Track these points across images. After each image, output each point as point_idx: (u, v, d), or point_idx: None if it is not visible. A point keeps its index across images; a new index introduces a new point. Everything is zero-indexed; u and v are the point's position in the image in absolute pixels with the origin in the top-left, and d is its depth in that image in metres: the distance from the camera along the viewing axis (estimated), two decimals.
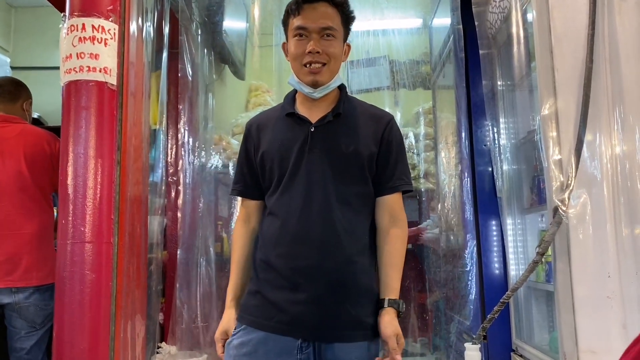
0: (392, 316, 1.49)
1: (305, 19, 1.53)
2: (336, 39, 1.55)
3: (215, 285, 3.13)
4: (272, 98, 5.08)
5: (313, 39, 1.53)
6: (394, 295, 1.52)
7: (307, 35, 1.54)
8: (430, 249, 3.46)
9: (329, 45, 1.53)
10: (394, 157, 1.57)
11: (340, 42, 1.57)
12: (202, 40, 3.15)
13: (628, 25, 2.10)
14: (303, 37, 1.54)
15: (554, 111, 2.11)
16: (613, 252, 2.00)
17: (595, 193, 2.04)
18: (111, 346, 1.96)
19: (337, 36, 1.55)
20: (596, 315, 1.98)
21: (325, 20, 1.52)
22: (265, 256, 1.55)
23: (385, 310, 1.50)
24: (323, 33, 1.53)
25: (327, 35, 1.53)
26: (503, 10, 2.53)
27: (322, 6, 1.54)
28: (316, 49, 1.52)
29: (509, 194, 2.69)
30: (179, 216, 3.03)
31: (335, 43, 1.55)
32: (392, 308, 1.50)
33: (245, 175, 1.68)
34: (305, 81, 1.56)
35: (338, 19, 1.56)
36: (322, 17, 1.52)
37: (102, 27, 2.03)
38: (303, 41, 1.54)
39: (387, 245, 1.55)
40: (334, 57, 1.55)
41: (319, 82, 1.55)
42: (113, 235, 2.00)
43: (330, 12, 1.54)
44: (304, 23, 1.53)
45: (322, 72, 1.54)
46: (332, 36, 1.54)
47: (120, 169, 2.05)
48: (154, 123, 2.84)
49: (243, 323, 1.54)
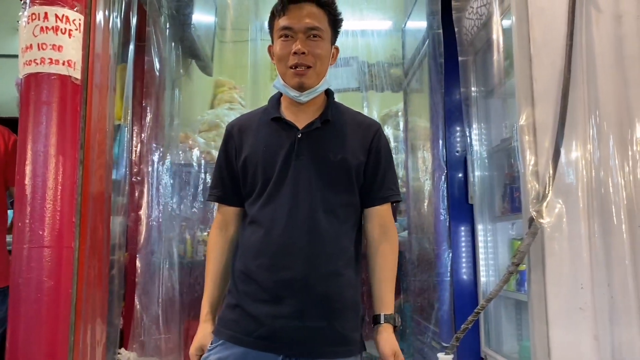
0: (389, 332, 1.44)
1: (291, 19, 1.46)
2: (323, 40, 1.48)
3: (177, 289, 3.02)
4: (240, 95, 4.98)
5: (299, 39, 1.46)
6: (389, 310, 1.47)
7: (293, 36, 1.47)
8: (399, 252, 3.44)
9: (315, 46, 1.46)
10: (383, 167, 1.52)
11: (327, 44, 1.51)
12: (170, 34, 3.03)
13: (605, 37, 2.12)
14: (289, 37, 1.47)
15: (532, 121, 2.10)
16: (587, 264, 2.01)
17: (570, 204, 2.05)
18: (70, 356, 1.84)
19: (324, 37, 1.49)
20: (569, 326, 1.99)
21: (311, 20, 1.46)
22: (245, 267, 1.47)
23: (382, 326, 1.45)
24: (309, 33, 1.46)
25: (314, 36, 1.47)
26: (480, 16, 2.52)
27: (308, 6, 1.47)
28: (302, 49, 1.45)
29: (481, 201, 2.70)
30: (142, 216, 2.90)
31: (322, 44, 1.48)
32: (389, 324, 1.45)
33: (224, 180, 1.59)
34: (291, 84, 1.48)
35: (325, 20, 1.50)
36: (308, 17, 1.46)
37: (66, 17, 1.90)
38: (289, 42, 1.47)
39: (380, 259, 1.50)
40: (321, 58, 1.48)
41: (305, 85, 1.48)
42: (74, 240, 1.88)
43: (317, 13, 1.48)
44: (289, 23, 1.47)
45: (308, 74, 1.47)
46: (318, 37, 1.47)
47: (83, 169, 1.93)
48: (118, 118, 2.70)
49: (221, 338, 1.45)
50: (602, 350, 1.98)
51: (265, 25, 4.87)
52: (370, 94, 4.72)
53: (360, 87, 4.71)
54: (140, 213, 2.92)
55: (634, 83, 2.09)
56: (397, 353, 1.44)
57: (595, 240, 2.03)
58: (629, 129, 2.07)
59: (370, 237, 1.53)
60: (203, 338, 1.51)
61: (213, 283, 1.56)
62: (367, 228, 1.53)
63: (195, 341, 1.53)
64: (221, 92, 5.02)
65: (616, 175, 2.05)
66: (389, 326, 1.47)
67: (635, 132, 2.07)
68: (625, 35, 2.11)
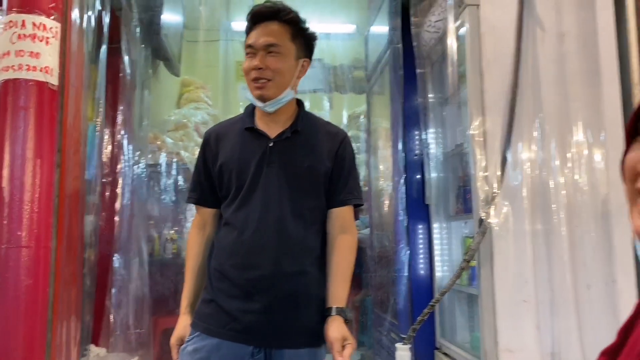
0: (339, 322, 1.56)
1: (253, 38, 1.60)
2: (281, 54, 1.60)
3: (147, 287, 3.10)
4: (206, 95, 5.05)
5: (259, 56, 1.59)
6: (341, 303, 1.59)
7: (255, 53, 1.60)
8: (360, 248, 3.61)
9: (273, 61, 1.59)
10: (346, 173, 1.65)
11: (287, 58, 1.61)
12: (140, 35, 3.09)
13: (548, 54, 2.32)
14: (251, 55, 1.61)
15: (482, 129, 2.29)
16: (530, 260, 2.21)
17: (516, 205, 2.24)
18: (47, 353, 1.91)
19: (283, 52, 1.60)
20: (514, 317, 2.19)
21: (269, 37, 1.59)
22: (220, 266, 1.59)
23: (332, 317, 1.57)
24: (268, 50, 1.59)
25: (271, 52, 1.59)
26: (437, 30, 2.69)
27: (270, 24, 1.60)
28: (259, 65, 1.58)
29: (437, 201, 2.88)
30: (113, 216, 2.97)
31: (280, 58, 1.60)
32: (339, 316, 1.58)
33: (202, 183, 1.70)
34: (254, 95, 1.62)
35: (286, 36, 1.61)
36: (267, 35, 1.59)
37: (43, 25, 1.96)
38: (251, 59, 1.60)
39: (335, 256, 1.62)
40: (279, 72, 1.60)
41: (265, 97, 1.60)
42: (51, 239, 1.95)
43: (277, 30, 1.60)
44: (251, 41, 1.60)
45: (267, 86, 1.59)
46: (276, 52, 1.59)
47: (60, 172, 2.00)
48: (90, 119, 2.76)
49: (197, 330, 1.57)
50: (543, 339, 2.19)
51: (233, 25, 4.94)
52: (334, 96, 4.87)
53: (325, 89, 4.86)
54: (110, 212, 2.99)
55: (574, 96, 2.30)
56: (347, 337, 1.52)
57: (538, 239, 2.23)
58: (568, 134, 2.28)
59: (330, 236, 1.65)
60: (183, 329, 1.62)
61: (192, 279, 1.67)
62: (328, 227, 1.65)
63: (176, 332, 1.63)
64: (187, 91, 5.07)
65: (557, 177, 2.26)
66: (340, 318, 1.57)
67: (574, 138, 2.28)
68: (567, 52, 2.32)
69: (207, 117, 4.78)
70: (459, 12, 2.42)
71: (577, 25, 2.33)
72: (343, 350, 1.50)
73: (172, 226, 3.64)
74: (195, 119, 4.52)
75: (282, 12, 1.61)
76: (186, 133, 4.20)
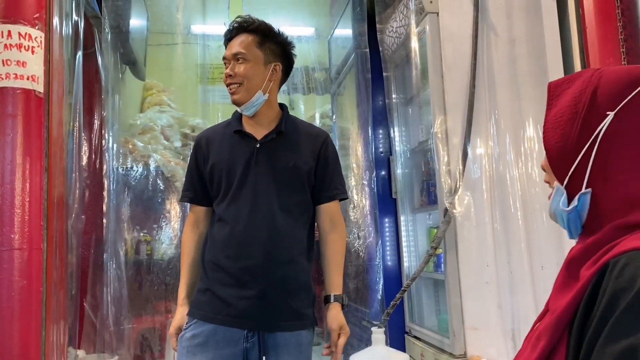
0: (337, 310, 1.73)
1: (226, 51, 1.80)
2: (248, 61, 1.74)
3: (125, 288, 3.16)
4: (169, 98, 5.09)
5: (230, 65, 1.76)
6: (338, 290, 1.76)
7: (228, 64, 1.78)
8: None
9: (240, 67, 1.74)
10: (331, 170, 1.80)
11: (254, 64, 1.75)
12: (111, 41, 3.15)
13: (502, 57, 2.55)
14: (226, 65, 1.78)
15: (445, 127, 2.49)
16: (490, 245, 2.43)
17: (477, 196, 2.46)
18: (42, 351, 1.98)
19: (249, 58, 1.75)
20: (477, 298, 2.40)
21: (237, 47, 1.75)
22: (214, 258, 1.71)
23: (331, 305, 1.73)
24: (236, 58, 1.75)
25: (238, 59, 1.75)
26: (399, 35, 2.88)
27: (239, 37, 1.77)
28: (229, 72, 1.76)
29: (402, 195, 3.07)
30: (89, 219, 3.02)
31: (246, 65, 1.74)
32: (338, 302, 1.74)
33: (195, 184, 1.82)
34: (231, 100, 1.77)
35: (253, 44, 1.76)
36: (235, 46, 1.76)
37: (29, 35, 2.03)
38: (226, 69, 1.79)
39: (329, 248, 1.78)
40: (247, 77, 1.74)
41: (237, 101, 1.76)
42: (42, 241, 2.02)
43: (244, 40, 1.76)
44: (224, 54, 1.79)
45: (237, 91, 1.75)
46: (243, 59, 1.74)
47: (48, 175, 2.07)
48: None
49: (194, 317, 1.69)
50: (504, 316, 2.41)
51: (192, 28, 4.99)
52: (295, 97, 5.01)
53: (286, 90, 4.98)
54: (88, 215, 3.03)
55: (525, 95, 2.54)
56: (343, 326, 1.74)
57: (497, 226, 2.45)
58: (521, 130, 2.51)
59: (321, 230, 1.81)
60: (181, 319, 1.73)
61: (188, 273, 1.79)
62: (318, 222, 1.82)
63: (174, 322, 1.75)
64: (150, 94, 5.09)
65: (512, 169, 2.49)
66: (338, 305, 1.75)
67: (526, 133, 2.52)
68: (518, 56, 2.55)
69: (171, 119, 4.82)
70: (420, 19, 2.61)
71: (526, 31, 2.57)
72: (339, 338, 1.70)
73: (141, 229, 3.70)
74: (160, 122, 4.57)
75: (247, 23, 1.78)
76: (153, 136, 4.25)
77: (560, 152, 0.78)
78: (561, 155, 0.78)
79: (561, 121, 0.78)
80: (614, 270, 0.66)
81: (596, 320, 0.65)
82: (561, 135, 0.78)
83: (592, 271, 0.69)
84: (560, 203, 0.79)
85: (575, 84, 0.79)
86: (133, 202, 3.48)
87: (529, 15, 2.56)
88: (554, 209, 0.81)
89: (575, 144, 0.76)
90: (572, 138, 0.77)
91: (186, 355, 1.66)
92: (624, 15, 2.24)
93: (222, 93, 5.10)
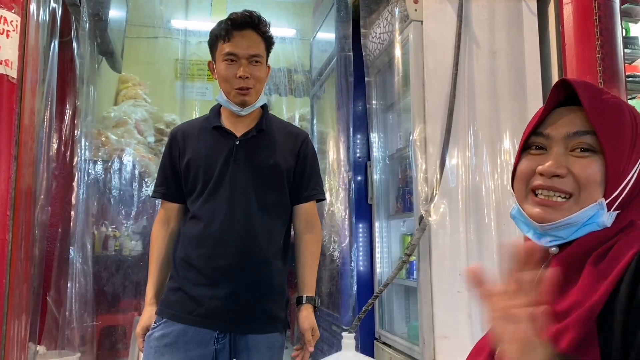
0: (309, 311, 1.71)
1: (236, 47, 1.68)
2: (262, 64, 1.72)
3: (90, 283, 3.07)
4: (144, 92, 5.01)
5: (242, 65, 1.68)
6: (311, 292, 1.74)
7: (237, 61, 1.68)
8: None
9: (256, 70, 1.70)
10: (309, 170, 1.79)
11: (265, 67, 1.75)
12: (89, 31, 3.07)
13: (482, 68, 2.58)
14: (233, 62, 1.69)
15: (424, 135, 2.50)
16: (464, 254, 2.44)
17: (453, 204, 2.47)
18: (2, 345, 1.91)
19: (262, 62, 1.73)
20: (449, 307, 2.41)
21: (253, 48, 1.69)
22: (186, 255, 1.67)
23: (303, 306, 1.71)
24: (252, 59, 1.69)
25: (255, 62, 1.70)
26: (382, 41, 2.89)
27: (249, 34, 1.69)
28: (246, 74, 1.67)
29: (378, 201, 3.07)
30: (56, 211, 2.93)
31: (261, 68, 1.72)
32: (309, 304, 1.72)
33: (168, 178, 1.77)
34: (235, 101, 1.71)
35: (263, 46, 1.73)
36: (251, 45, 1.69)
37: (4, 18, 1.96)
38: (233, 66, 1.68)
39: (303, 249, 1.77)
40: (260, 80, 1.72)
41: (247, 103, 1.71)
42: (8, 232, 1.95)
43: (257, 40, 1.71)
44: (234, 50, 1.68)
45: (250, 93, 1.70)
46: (259, 62, 1.71)
47: (17, 164, 2.00)
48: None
49: (164, 317, 1.64)
50: (473, 326, 2.42)
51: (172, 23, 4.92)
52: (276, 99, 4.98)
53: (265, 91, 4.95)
54: (54, 208, 2.95)
55: (503, 107, 2.56)
56: (314, 328, 1.72)
57: (471, 235, 2.47)
58: (498, 141, 2.54)
59: (296, 230, 1.79)
60: (148, 319, 1.68)
61: (157, 271, 1.74)
62: (295, 222, 1.79)
63: (141, 322, 1.69)
64: (125, 87, 5.00)
65: (488, 180, 2.51)
66: (309, 306, 1.74)
67: (503, 145, 2.54)
68: (498, 68, 2.58)
69: (146, 114, 4.74)
70: (403, 27, 2.62)
71: (507, 44, 2.60)
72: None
73: (115, 223, 3.62)
74: (135, 115, 4.49)
75: (262, 24, 1.72)
76: (127, 130, 4.17)
77: (617, 169, 0.80)
78: (617, 174, 0.80)
79: (624, 140, 0.80)
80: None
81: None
82: (622, 154, 0.80)
83: (629, 257, 0.72)
84: (605, 217, 0.79)
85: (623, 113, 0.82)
86: (103, 196, 3.40)
87: (511, 29, 2.59)
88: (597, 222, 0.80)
89: (627, 165, 0.80)
90: (627, 159, 0.80)
91: (154, 356, 1.61)
92: (602, 34, 2.29)
93: (199, 90, 5.06)
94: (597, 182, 0.79)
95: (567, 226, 0.80)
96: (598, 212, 0.79)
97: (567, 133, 0.82)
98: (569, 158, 0.81)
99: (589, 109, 0.79)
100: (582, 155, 0.81)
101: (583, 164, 0.80)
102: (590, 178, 0.79)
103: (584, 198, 0.80)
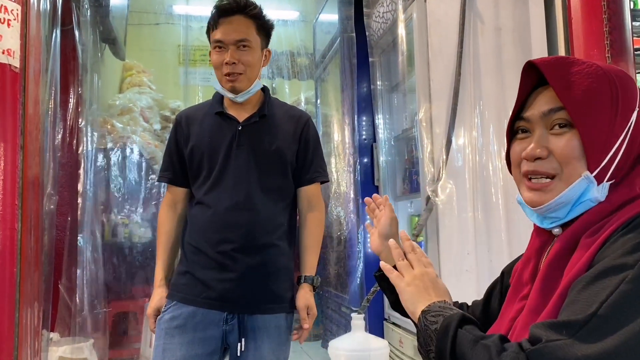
0: (306, 290, 1.73)
1: (222, 33, 1.67)
2: (251, 48, 1.70)
3: (101, 270, 3.11)
4: (149, 79, 5.00)
5: (230, 51, 1.67)
6: (311, 272, 1.76)
7: (225, 47, 1.68)
8: None
9: (244, 55, 1.68)
10: (311, 153, 1.78)
11: (256, 51, 1.72)
12: (91, 18, 3.06)
13: (487, 46, 2.54)
14: (222, 49, 1.69)
15: (429, 115, 2.48)
16: (472, 234, 2.44)
17: (459, 184, 2.46)
18: (16, 333, 1.93)
19: (253, 46, 1.70)
20: (457, 285, 2.41)
21: (239, 33, 1.67)
22: (194, 241, 1.69)
23: (301, 285, 1.74)
24: (239, 45, 1.68)
25: (243, 47, 1.68)
26: (386, 21, 2.86)
27: (237, 19, 1.68)
28: (232, 60, 1.66)
29: (385, 182, 3.07)
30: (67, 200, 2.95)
31: (250, 52, 1.69)
32: (307, 283, 1.74)
33: (174, 164, 1.78)
34: (226, 88, 1.71)
35: (253, 29, 1.71)
36: (237, 30, 1.67)
37: (4, 7, 1.95)
38: (221, 53, 1.68)
39: (305, 230, 1.78)
40: (250, 65, 1.70)
41: (237, 89, 1.70)
42: (17, 221, 1.96)
43: (245, 24, 1.69)
44: (221, 37, 1.68)
45: (239, 79, 1.69)
46: (247, 47, 1.69)
47: (23, 154, 2.00)
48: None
49: (174, 299, 1.67)
50: None
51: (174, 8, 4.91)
52: (279, 82, 4.96)
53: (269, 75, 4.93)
54: (63, 196, 2.97)
55: (510, 84, 2.53)
56: (310, 306, 1.72)
57: (479, 215, 2.46)
58: (505, 120, 2.51)
59: (300, 212, 1.80)
60: (159, 301, 1.71)
61: (165, 254, 1.76)
62: (298, 205, 1.80)
63: (152, 303, 1.72)
64: (130, 75, 5.00)
65: (495, 159, 2.50)
66: (308, 285, 1.75)
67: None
68: (504, 44, 2.55)
69: (151, 101, 4.74)
70: (407, 5, 2.59)
71: (512, 19, 2.56)
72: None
73: (124, 211, 3.64)
74: (140, 103, 4.49)
75: (249, 7, 1.69)
76: (133, 118, 4.17)
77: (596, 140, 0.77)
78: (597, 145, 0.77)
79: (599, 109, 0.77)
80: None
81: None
82: (598, 124, 0.77)
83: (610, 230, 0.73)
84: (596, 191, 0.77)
85: (599, 81, 0.78)
86: (111, 184, 3.41)
87: (516, 4, 2.55)
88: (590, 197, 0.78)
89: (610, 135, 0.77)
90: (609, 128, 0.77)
91: (164, 337, 1.63)
92: (609, 7, 2.24)
93: (203, 75, 5.05)
94: (577, 156, 0.78)
95: (561, 206, 0.79)
96: (588, 187, 0.77)
97: (542, 112, 0.82)
98: (549, 137, 0.81)
99: (556, 84, 0.78)
100: (560, 132, 0.80)
101: (560, 141, 0.79)
102: (568, 154, 0.78)
103: (568, 175, 0.79)
